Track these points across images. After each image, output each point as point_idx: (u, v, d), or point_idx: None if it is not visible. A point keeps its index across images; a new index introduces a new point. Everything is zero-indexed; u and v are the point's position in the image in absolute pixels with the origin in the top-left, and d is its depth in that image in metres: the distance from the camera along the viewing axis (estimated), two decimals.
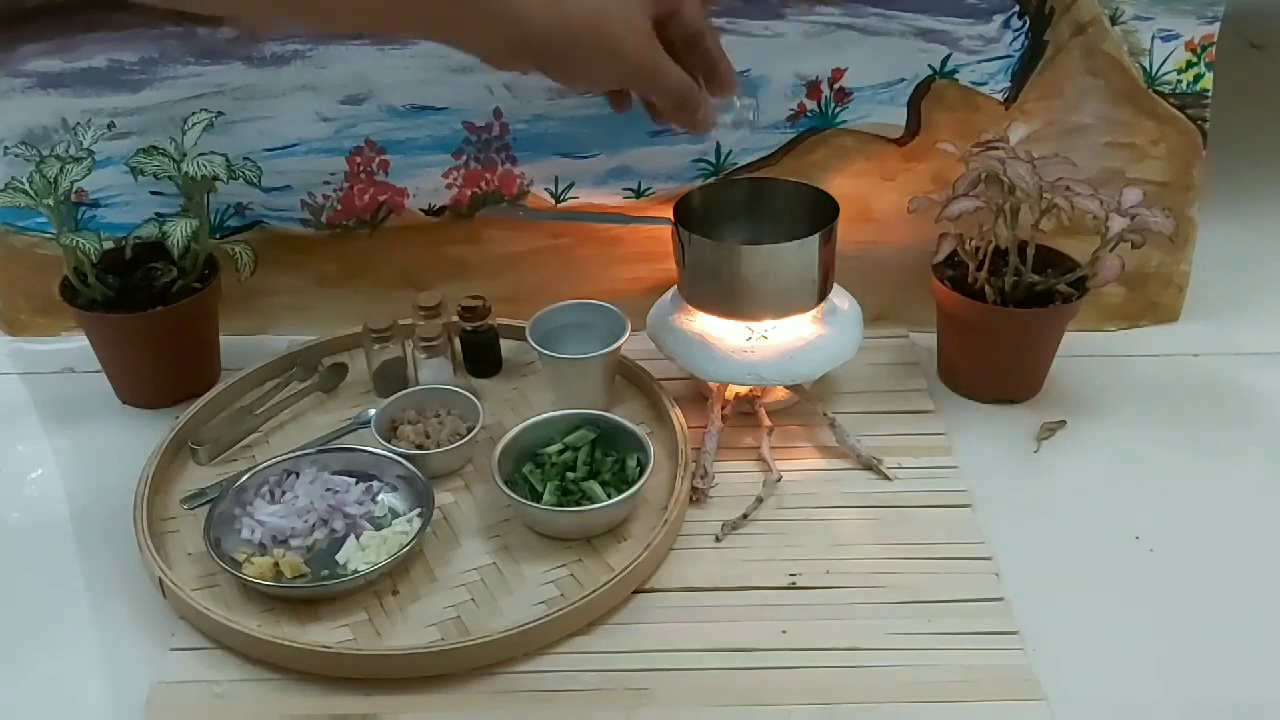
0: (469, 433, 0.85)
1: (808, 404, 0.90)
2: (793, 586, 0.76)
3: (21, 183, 0.87)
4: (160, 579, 0.74)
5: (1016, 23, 0.91)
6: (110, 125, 0.92)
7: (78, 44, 0.89)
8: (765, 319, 0.88)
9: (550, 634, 0.71)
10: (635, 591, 0.75)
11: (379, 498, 0.81)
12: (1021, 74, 0.93)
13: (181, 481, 0.85)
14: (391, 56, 0.91)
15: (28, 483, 0.88)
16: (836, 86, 0.93)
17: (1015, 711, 0.68)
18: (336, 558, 0.77)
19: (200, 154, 0.91)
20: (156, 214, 0.96)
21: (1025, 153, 0.86)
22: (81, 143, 0.91)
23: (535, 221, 0.97)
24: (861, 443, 0.86)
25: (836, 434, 0.87)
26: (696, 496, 0.83)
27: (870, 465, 0.85)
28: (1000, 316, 0.89)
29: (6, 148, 0.92)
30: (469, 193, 0.97)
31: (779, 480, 0.83)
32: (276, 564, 0.76)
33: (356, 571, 0.75)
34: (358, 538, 0.78)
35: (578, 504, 0.79)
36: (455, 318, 0.94)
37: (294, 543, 0.77)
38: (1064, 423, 0.90)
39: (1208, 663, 0.71)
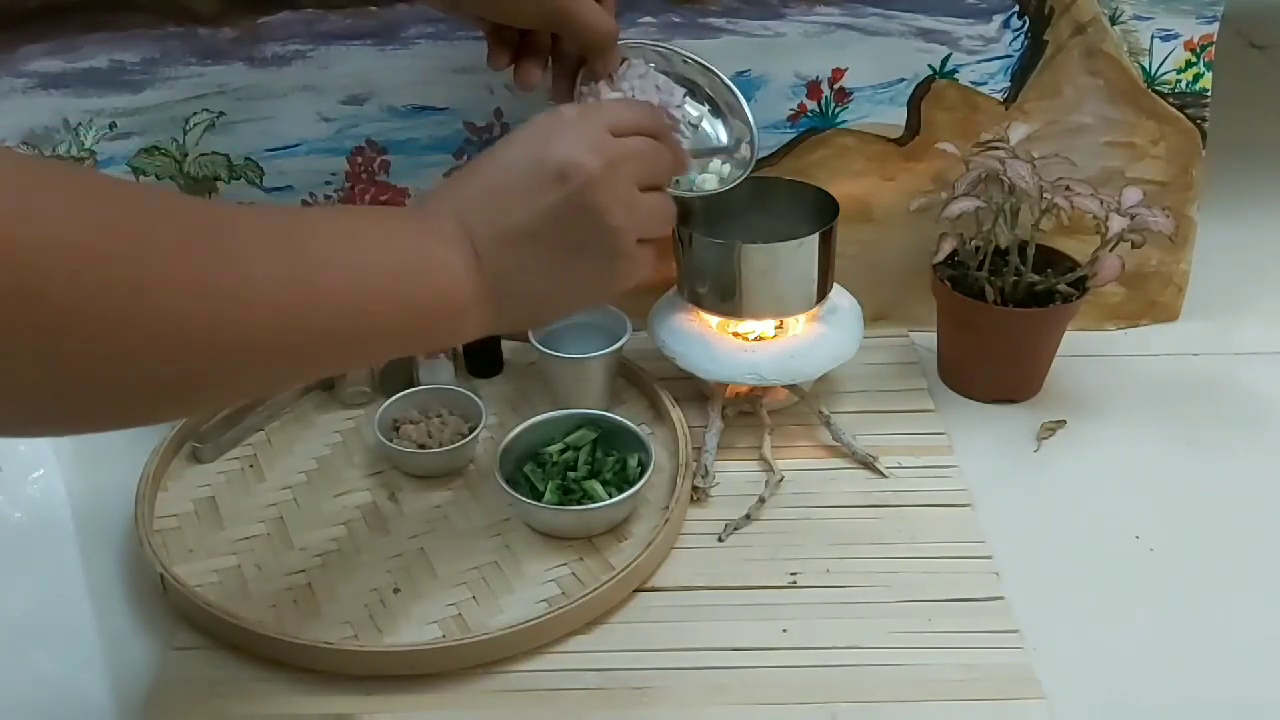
0: (471, 432, 0.85)
1: (805, 402, 0.90)
2: (793, 586, 0.76)
3: None
4: (161, 575, 0.75)
5: (1016, 23, 0.91)
6: (112, 125, 0.92)
7: (79, 44, 0.89)
8: (765, 319, 0.88)
9: (551, 631, 0.72)
10: (636, 590, 0.75)
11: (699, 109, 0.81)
12: (1021, 74, 0.93)
13: (182, 480, 0.86)
14: (392, 57, 0.91)
15: (30, 482, 0.88)
16: (836, 86, 0.93)
17: (1015, 710, 0.68)
18: None
19: (202, 154, 0.92)
20: None
21: (1025, 153, 0.86)
22: (83, 143, 0.91)
23: None
24: (857, 440, 0.86)
25: (832, 431, 0.87)
26: (697, 496, 0.83)
27: (866, 462, 0.86)
28: (1000, 316, 0.89)
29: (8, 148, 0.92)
30: None
31: (781, 481, 0.84)
32: None
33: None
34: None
35: (579, 503, 0.79)
36: None
37: None
38: (1064, 423, 0.91)
39: (1208, 663, 0.71)
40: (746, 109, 0.83)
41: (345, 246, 0.54)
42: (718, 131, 0.83)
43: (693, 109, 0.82)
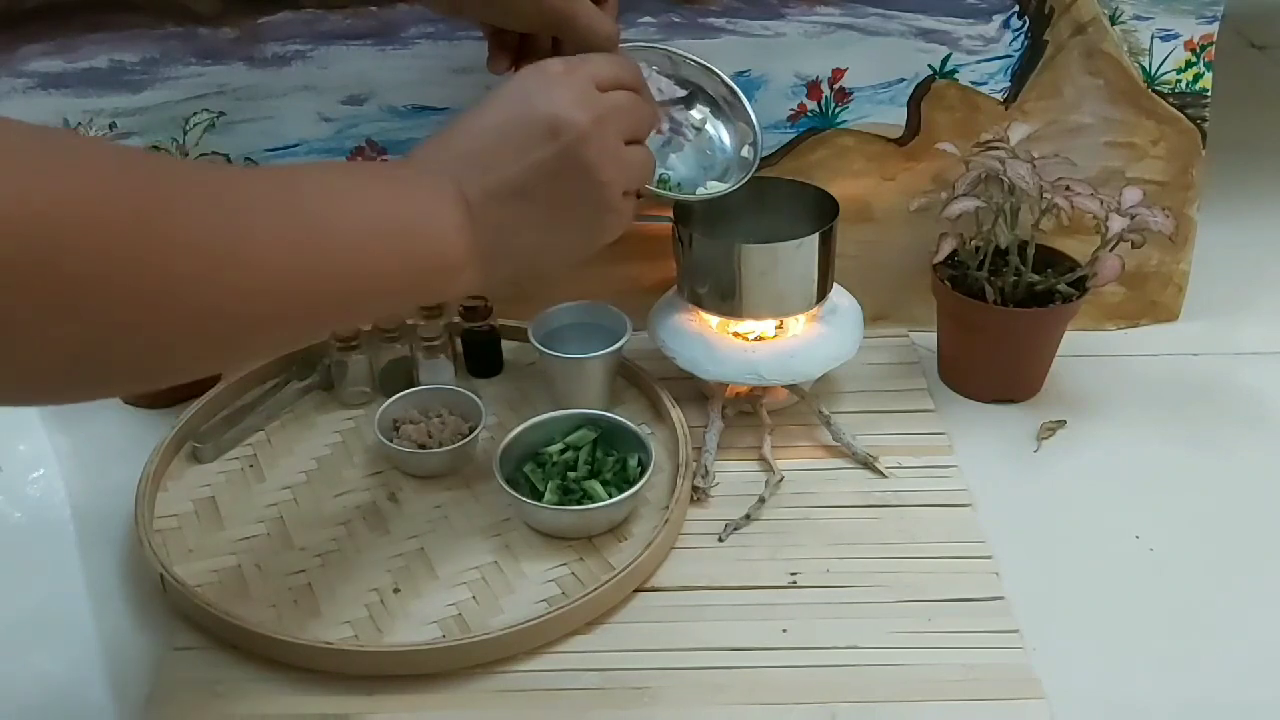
0: (471, 432, 0.86)
1: (805, 402, 0.90)
2: (793, 585, 0.76)
3: None
4: (161, 575, 0.75)
5: (1016, 23, 0.91)
6: (112, 126, 0.92)
7: (79, 44, 0.89)
8: (765, 319, 0.88)
9: (551, 631, 0.72)
10: (636, 590, 0.75)
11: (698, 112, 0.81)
12: (1021, 74, 0.93)
13: (182, 480, 0.86)
14: (392, 57, 0.91)
15: (29, 482, 0.88)
16: (836, 86, 0.93)
17: (1015, 710, 0.68)
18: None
19: (201, 154, 0.92)
20: None
21: (1025, 153, 0.86)
22: None
23: None
24: (857, 440, 0.86)
25: (832, 431, 0.87)
26: (697, 496, 0.83)
27: (866, 462, 0.86)
28: (1000, 316, 0.89)
29: None
30: None
31: (780, 481, 0.84)
32: None
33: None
34: (678, 152, 0.79)
35: (579, 503, 0.79)
36: (456, 318, 0.94)
37: None
38: (1064, 422, 0.91)
39: (1208, 663, 0.71)
40: (749, 109, 0.83)
41: (343, 204, 0.55)
42: (720, 133, 0.83)
43: (695, 111, 0.82)
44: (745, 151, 0.83)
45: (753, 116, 0.83)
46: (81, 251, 0.43)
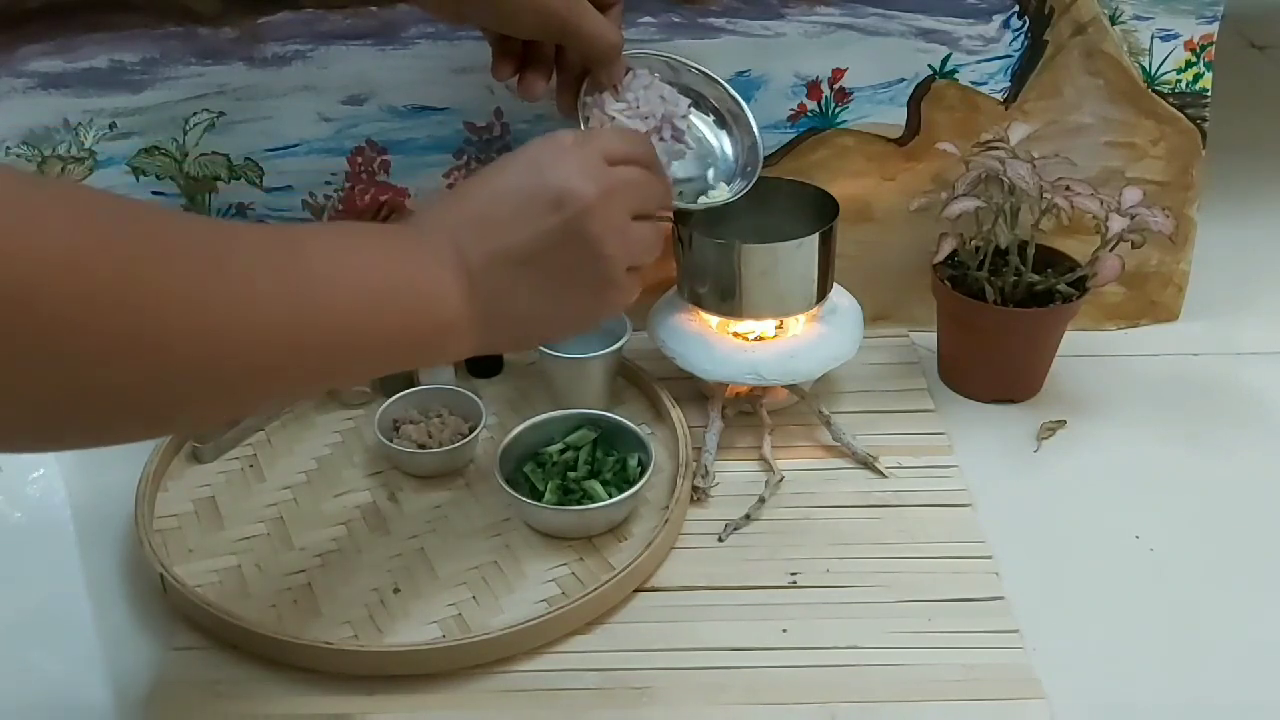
0: (471, 432, 0.86)
1: (805, 402, 0.90)
2: (793, 585, 0.76)
3: None
4: (161, 575, 0.75)
5: (1016, 23, 0.91)
6: (112, 126, 0.92)
7: (79, 44, 0.89)
8: (765, 319, 0.88)
9: (551, 631, 0.72)
10: (636, 590, 0.75)
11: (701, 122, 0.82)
12: (1021, 74, 0.93)
13: (182, 480, 0.86)
14: (392, 57, 0.91)
15: (29, 482, 0.88)
16: (836, 86, 0.93)
17: (1015, 710, 0.68)
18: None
19: (202, 154, 0.92)
20: None
21: (1025, 153, 0.86)
22: (83, 143, 0.91)
23: None
24: (857, 440, 0.87)
25: (832, 431, 0.87)
26: (698, 496, 0.83)
27: (866, 462, 0.86)
28: (1000, 316, 0.89)
29: (8, 148, 0.92)
30: None
31: (780, 481, 0.84)
32: None
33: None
34: (679, 160, 0.79)
35: (579, 503, 0.79)
36: None
37: None
38: (1064, 423, 0.91)
39: (1208, 663, 0.71)
40: (751, 119, 0.83)
41: (340, 264, 0.55)
42: (722, 142, 0.83)
43: (697, 119, 0.83)
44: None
45: (754, 125, 0.83)
46: (61, 297, 0.42)
